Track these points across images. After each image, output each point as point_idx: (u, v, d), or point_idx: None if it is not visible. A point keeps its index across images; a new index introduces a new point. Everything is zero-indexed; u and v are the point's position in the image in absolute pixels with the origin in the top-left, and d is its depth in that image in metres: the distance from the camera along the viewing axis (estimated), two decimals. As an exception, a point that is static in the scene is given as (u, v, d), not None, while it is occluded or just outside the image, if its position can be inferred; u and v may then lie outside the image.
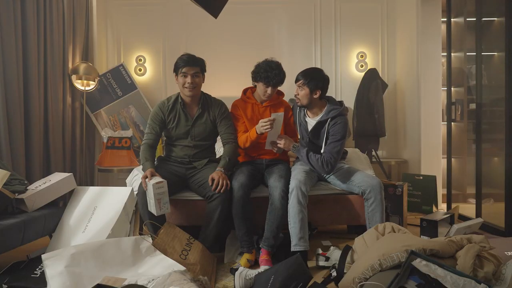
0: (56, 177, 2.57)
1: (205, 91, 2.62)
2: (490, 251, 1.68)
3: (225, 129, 2.54)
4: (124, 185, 2.90)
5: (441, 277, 1.46)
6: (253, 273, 1.94)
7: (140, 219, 2.51)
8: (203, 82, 2.52)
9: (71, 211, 2.46)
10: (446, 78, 3.76)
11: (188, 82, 2.40)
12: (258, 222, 2.47)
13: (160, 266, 2.02)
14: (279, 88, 2.63)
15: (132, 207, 2.52)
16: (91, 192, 2.57)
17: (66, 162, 3.65)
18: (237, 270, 1.99)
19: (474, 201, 3.34)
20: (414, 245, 1.65)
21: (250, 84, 2.68)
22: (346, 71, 4.52)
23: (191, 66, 2.41)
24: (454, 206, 3.45)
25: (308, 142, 2.55)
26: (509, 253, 1.96)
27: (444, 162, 3.82)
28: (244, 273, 1.93)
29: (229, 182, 2.32)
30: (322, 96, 2.50)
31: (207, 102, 2.56)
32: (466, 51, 3.97)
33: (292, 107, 2.72)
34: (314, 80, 2.43)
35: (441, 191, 3.82)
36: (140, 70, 4.48)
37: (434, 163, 3.89)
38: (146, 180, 2.20)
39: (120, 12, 4.48)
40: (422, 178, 3.68)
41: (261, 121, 2.37)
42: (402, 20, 4.35)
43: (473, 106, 3.52)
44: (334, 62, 4.52)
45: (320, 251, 2.32)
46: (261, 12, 4.50)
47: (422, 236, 2.64)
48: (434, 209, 3.61)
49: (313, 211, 2.55)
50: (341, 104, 2.53)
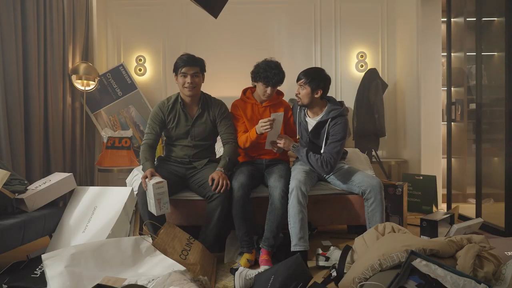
0: (56, 177, 2.57)
1: (205, 91, 2.62)
2: (490, 251, 1.68)
3: (225, 129, 2.54)
4: (124, 185, 2.90)
5: (441, 277, 1.46)
6: (253, 273, 1.94)
7: (140, 219, 2.51)
8: (203, 82, 2.52)
9: (71, 211, 2.46)
10: (446, 78, 3.77)
11: (187, 82, 2.41)
12: (258, 222, 2.47)
13: (160, 266, 2.01)
14: (279, 88, 2.63)
15: (132, 207, 2.52)
16: (91, 192, 2.57)
17: (66, 162, 3.65)
18: (237, 270, 1.99)
19: (474, 201, 3.34)
20: (414, 245, 1.65)
21: (250, 84, 2.68)
22: (346, 71, 4.53)
23: (191, 66, 2.41)
24: (454, 206, 3.45)
25: (308, 142, 2.55)
26: (509, 253, 1.96)
27: (444, 162, 3.82)
28: (244, 273, 1.93)
29: (229, 182, 2.32)
30: (323, 96, 2.50)
31: (207, 102, 2.56)
32: (466, 51, 3.97)
33: (292, 107, 2.72)
34: (316, 79, 2.43)
35: (441, 191, 3.82)
36: (140, 70, 4.48)
37: (434, 163, 3.89)
38: (146, 180, 2.20)
39: (120, 12, 4.48)
40: (422, 178, 3.68)
41: (261, 121, 2.37)
42: (402, 20, 4.35)
43: (473, 106, 3.52)
44: (334, 62, 4.52)
45: (320, 251, 2.32)
46: (261, 12, 4.50)
47: (422, 236, 2.64)
48: (434, 209, 3.61)
49: (313, 211, 2.55)
50: (341, 104, 2.53)
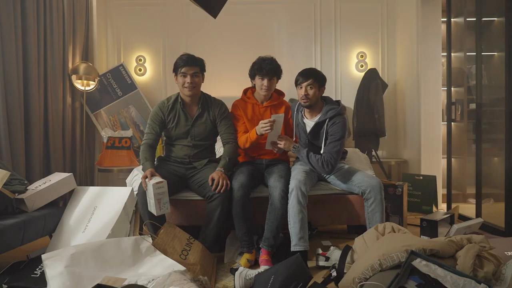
0: (56, 177, 2.57)
1: (205, 91, 2.62)
2: (490, 251, 1.68)
3: (225, 129, 2.54)
4: (124, 185, 2.90)
5: (441, 277, 1.46)
6: (253, 273, 1.94)
7: (140, 219, 2.51)
8: (203, 82, 2.53)
9: (71, 211, 2.46)
10: (446, 78, 3.76)
11: (187, 82, 2.41)
12: (258, 222, 2.47)
13: (160, 266, 2.01)
14: (279, 88, 2.63)
15: (132, 207, 2.52)
16: (91, 192, 2.57)
17: (66, 162, 3.65)
18: (237, 270, 1.99)
19: (474, 201, 3.34)
20: (414, 245, 1.65)
21: (249, 84, 2.68)
22: (346, 71, 4.52)
23: (191, 66, 2.41)
24: (454, 206, 3.45)
25: (307, 143, 2.54)
26: (509, 253, 1.96)
27: (444, 162, 3.82)
28: (244, 273, 1.93)
29: (229, 182, 2.32)
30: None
31: (207, 102, 2.56)
32: (466, 51, 3.97)
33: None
34: (320, 78, 2.46)
35: (441, 191, 3.82)
36: (140, 70, 4.48)
37: (434, 163, 3.89)
38: (146, 180, 2.20)
39: (120, 12, 4.48)
40: (422, 178, 3.68)
41: (261, 122, 2.37)
42: (402, 20, 4.35)
43: (473, 106, 3.52)
44: (334, 62, 4.52)
45: (320, 251, 2.32)
46: (261, 12, 4.50)
47: (422, 236, 2.64)
48: (434, 209, 3.61)
49: (313, 211, 2.55)
50: (338, 103, 2.53)
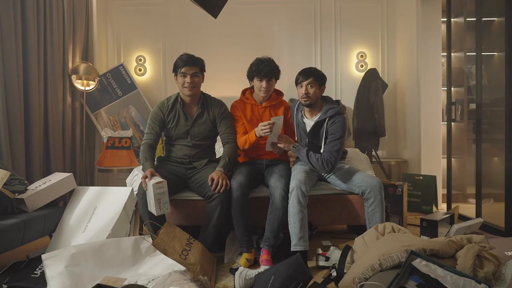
0: (56, 177, 2.57)
1: (205, 91, 2.62)
2: (490, 251, 1.68)
3: (225, 129, 2.54)
4: (124, 185, 2.90)
5: (441, 277, 1.46)
6: (253, 273, 1.94)
7: (140, 219, 2.51)
8: (203, 82, 2.53)
9: (71, 211, 2.46)
10: (446, 78, 3.77)
11: (187, 82, 2.41)
12: (258, 222, 2.47)
13: (160, 266, 2.01)
14: (279, 88, 2.62)
15: (132, 207, 2.52)
16: (91, 192, 2.57)
17: (66, 162, 3.65)
18: (237, 270, 1.99)
19: (474, 201, 3.34)
20: (414, 245, 1.65)
21: (249, 84, 2.67)
22: (346, 71, 4.52)
23: (190, 66, 2.41)
24: (454, 206, 3.45)
25: (307, 143, 2.54)
26: (509, 253, 1.96)
27: (444, 162, 3.82)
28: (244, 273, 1.93)
29: (228, 182, 2.32)
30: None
31: (207, 102, 2.56)
32: (466, 51, 3.97)
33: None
34: (320, 77, 2.47)
35: (441, 191, 3.82)
36: (140, 70, 4.48)
37: (434, 163, 3.89)
38: (146, 180, 2.20)
39: (120, 12, 4.48)
40: (422, 178, 3.68)
41: (260, 124, 2.37)
42: (402, 20, 4.35)
43: (473, 106, 3.52)
44: (334, 62, 4.52)
45: (320, 251, 2.32)
46: (261, 12, 4.50)
47: (422, 236, 2.64)
48: (434, 209, 3.61)
49: (313, 211, 2.55)
50: (338, 103, 2.53)
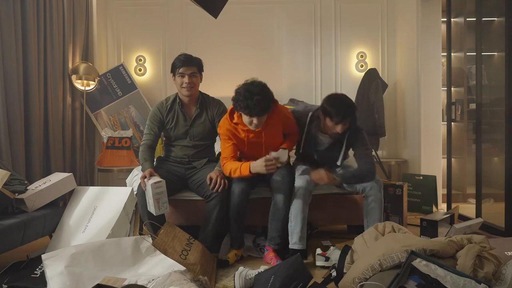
0: (56, 177, 2.57)
1: (205, 91, 2.62)
2: (490, 251, 1.68)
3: None
4: (124, 185, 2.91)
5: (441, 277, 1.46)
6: (253, 273, 1.94)
7: (140, 219, 2.51)
8: (201, 82, 2.52)
9: (71, 211, 2.46)
10: (446, 78, 3.76)
11: (185, 82, 2.41)
12: (258, 222, 2.47)
13: (160, 266, 2.02)
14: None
15: (132, 207, 2.52)
16: (91, 192, 2.57)
17: (66, 162, 3.65)
18: (225, 261, 2.08)
19: (474, 201, 3.34)
20: (414, 245, 1.64)
21: None
22: (346, 71, 4.52)
23: (188, 66, 2.41)
24: (454, 206, 3.45)
25: (319, 156, 2.48)
26: (509, 253, 1.96)
27: (444, 162, 3.82)
28: (244, 273, 1.93)
29: (226, 182, 2.32)
30: None
31: (205, 102, 2.56)
32: (466, 51, 3.97)
33: (296, 117, 2.49)
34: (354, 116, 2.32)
35: (441, 191, 3.82)
36: (140, 70, 4.48)
37: (434, 163, 3.88)
38: (145, 180, 2.20)
39: (120, 12, 4.48)
40: (422, 178, 3.68)
41: (263, 160, 2.18)
42: (402, 20, 4.35)
43: (473, 106, 3.53)
44: (334, 62, 4.52)
45: (320, 251, 2.32)
46: (261, 12, 4.49)
47: (422, 236, 2.64)
48: (434, 209, 3.61)
49: (313, 211, 2.54)
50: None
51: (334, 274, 1.96)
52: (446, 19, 3.76)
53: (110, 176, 4.28)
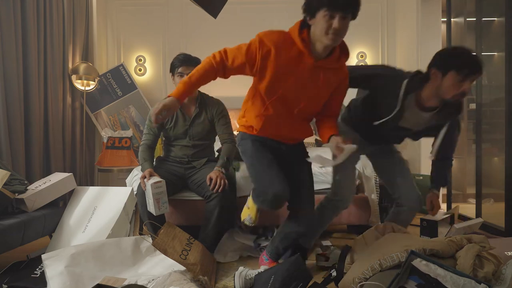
0: (56, 177, 2.57)
1: (205, 91, 2.62)
2: (490, 251, 1.68)
3: (223, 129, 2.54)
4: (124, 185, 2.90)
5: (441, 277, 1.46)
6: (253, 273, 1.94)
7: (140, 219, 2.51)
8: None
9: (71, 211, 2.46)
10: (446, 78, 3.76)
11: None
12: (258, 222, 2.46)
13: (160, 266, 2.02)
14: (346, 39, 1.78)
15: (132, 207, 2.52)
16: (91, 192, 2.57)
17: (66, 162, 3.65)
18: (245, 223, 1.93)
19: (474, 201, 3.34)
20: (414, 245, 1.65)
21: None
22: (346, 71, 4.52)
23: (187, 65, 2.42)
24: (454, 206, 3.45)
25: (395, 137, 2.09)
26: (509, 253, 1.96)
27: (444, 162, 3.82)
28: (244, 273, 1.93)
29: (226, 182, 2.33)
30: None
31: (204, 102, 2.56)
32: (466, 51, 3.96)
33: (382, 86, 1.94)
34: None
35: (441, 191, 3.82)
36: (140, 70, 4.48)
37: (434, 163, 3.88)
38: (145, 180, 2.20)
39: (120, 12, 4.48)
40: (422, 178, 3.68)
41: (338, 145, 1.68)
42: (402, 20, 4.35)
43: (473, 106, 3.52)
44: (334, 62, 4.51)
45: (320, 251, 2.32)
46: (261, 12, 4.49)
47: (422, 236, 2.64)
48: (434, 209, 3.61)
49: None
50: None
51: (334, 274, 1.95)
52: (446, 19, 3.76)
53: (110, 176, 4.28)
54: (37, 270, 2.01)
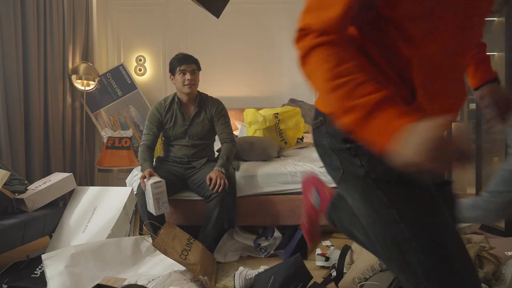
0: (56, 177, 2.57)
1: (204, 91, 2.63)
2: (490, 251, 1.68)
3: (222, 128, 2.54)
4: (124, 185, 2.90)
5: (441, 277, 1.46)
6: (253, 273, 1.94)
7: (140, 219, 2.51)
8: (199, 81, 2.54)
9: (71, 211, 2.46)
10: (446, 78, 3.76)
11: (187, 79, 2.42)
12: (258, 222, 2.47)
13: (160, 266, 2.02)
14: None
15: (132, 207, 2.52)
16: (91, 192, 2.57)
17: (66, 162, 3.65)
18: None
19: (474, 201, 3.34)
20: (414, 245, 1.64)
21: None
22: (346, 71, 4.52)
23: (189, 63, 2.44)
24: (454, 206, 3.45)
25: None
26: (509, 253, 1.96)
27: (444, 162, 3.82)
28: (244, 273, 1.93)
29: (226, 182, 2.33)
30: None
31: (204, 101, 2.56)
32: (466, 51, 3.96)
33: None
34: None
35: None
36: (140, 70, 4.48)
37: (434, 163, 3.88)
38: (145, 180, 2.21)
39: (120, 12, 4.48)
40: (422, 178, 3.67)
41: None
42: (402, 20, 4.35)
43: (473, 106, 3.52)
44: (334, 62, 4.51)
45: (320, 251, 2.32)
46: (261, 12, 4.49)
47: (422, 236, 2.63)
48: (434, 209, 3.60)
49: (313, 211, 2.54)
50: None
51: (334, 274, 1.96)
52: (446, 19, 3.76)
53: (110, 176, 4.27)
54: (37, 270, 2.02)
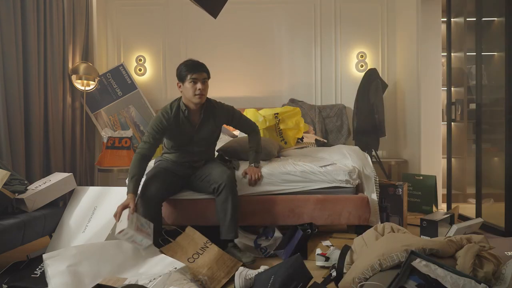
0: (56, 177, 2.57)
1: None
2: (490, 251, 1.68)
3: (241, 125, 2.58)
4: (124, 185, 2.89)
5: (441, 277, 1.46)
6: (253, 273, 1.94)
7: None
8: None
9: (71, 211, 2.46)
10: (446, 78, 3.76)
11: (199, 89, 2.27)
12: (259, 222, 2.47)
13: (160, 265, 2.01)
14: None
15: (132, 207, 2.51)
16: (91, 192, 2.57)
17: (66, 162, 3.65)
18: None
19: (474, 201, 3.34)
20: (414, 245, 1.65)
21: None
22: (346, 71, 4.52)
23: (200, 72, 2.29)
24: (454, 206, 3.45)
25: None
26: (509, 253, 1.96)
27: (444, 162, 3.82)
28: (244, 273, 1.93)
29: (261, 173, 2.43)
30: None
31: (211, 109, 2.44)
32: (466, 51, 3.97)
33: None
34: None
35: (441, 191, 3.82)
36: (140, 70, 4.48)
37: (434, 163, 3.88)
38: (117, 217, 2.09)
39: (120, 12, 4.48)
40: (422, 178, 3.68)
41: None
42: (402, 20, 4.35)
43: (473, 106, 3.52)
44: (334, 62, 4.52)
45: (320, 251, 2.32)
46: (261, 12, 4.49)
47: (422, 236, 2.64)
48: (434, 209, 3.61)
49: (313, 211, 2.54)
50: None
51: (334, 274, 1.95)
52: (446, 19, 3.76)
53: (110, 176, 4.27)
54: (37, 270, 2.01)
